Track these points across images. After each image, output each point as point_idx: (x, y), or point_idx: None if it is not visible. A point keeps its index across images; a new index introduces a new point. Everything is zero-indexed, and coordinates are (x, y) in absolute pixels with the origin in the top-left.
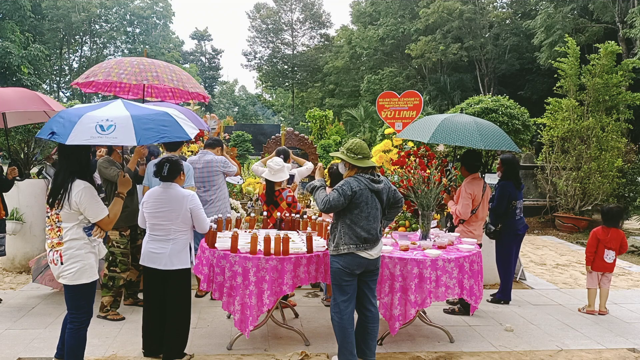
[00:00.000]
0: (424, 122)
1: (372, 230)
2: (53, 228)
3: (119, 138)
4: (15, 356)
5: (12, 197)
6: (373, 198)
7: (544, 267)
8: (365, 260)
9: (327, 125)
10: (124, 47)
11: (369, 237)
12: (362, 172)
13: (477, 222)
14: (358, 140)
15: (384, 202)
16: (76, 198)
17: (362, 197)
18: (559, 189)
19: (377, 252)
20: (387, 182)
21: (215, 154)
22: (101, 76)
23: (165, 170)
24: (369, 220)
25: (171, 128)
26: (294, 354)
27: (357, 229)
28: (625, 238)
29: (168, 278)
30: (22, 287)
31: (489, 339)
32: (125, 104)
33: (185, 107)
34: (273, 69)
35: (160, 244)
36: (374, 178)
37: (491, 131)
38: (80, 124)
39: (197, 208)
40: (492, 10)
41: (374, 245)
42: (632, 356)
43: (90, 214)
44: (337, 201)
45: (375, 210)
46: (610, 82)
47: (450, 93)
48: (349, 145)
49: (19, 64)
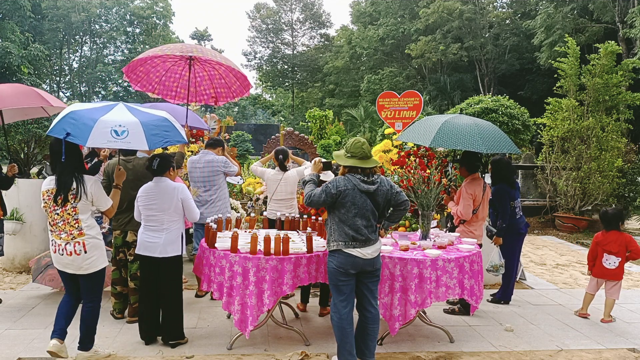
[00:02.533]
0: (424, 124)
1: (359, 229)
2: (68, 222)
3: (133, 143)
4: (15, 356)
5: (12, 197)
6: (363, 198)
7: (544, 267)
8: (359, 259)
9: (327, 125)
10: (124, 47)
11: (357, 236)
12: (354, 172)
13: (477, 222)
14: (356, 139)
15: (379, 203)
16: (91, 190)
17: (349, 197)
18: (559, 189)
19: (372, 252)
20: (387, 183)
21: (216, 154)
22: (150, 53)
23: (155, 164)
24: (356, 219)
25: (172, 133)
26: (294, 354)
27: (344, 227)
28: (634, 242)
29: (162, 265)
30: (22, 287)
31: (489, 339)
32: (127, 107)
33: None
34: (273, 69)
35: (155, 233)
36: (364, 178)
37: (492, 134)
38: (97, 129)
39: (187, 198)
40: (492, 10)
41: (365, 244)
42: (632, 356)
43: (100, 204)
44: (318, 197)
45: (365, 211)
46: (610, 82)
47: (450, 93)
48: (347, 144)
49: (19, 64)
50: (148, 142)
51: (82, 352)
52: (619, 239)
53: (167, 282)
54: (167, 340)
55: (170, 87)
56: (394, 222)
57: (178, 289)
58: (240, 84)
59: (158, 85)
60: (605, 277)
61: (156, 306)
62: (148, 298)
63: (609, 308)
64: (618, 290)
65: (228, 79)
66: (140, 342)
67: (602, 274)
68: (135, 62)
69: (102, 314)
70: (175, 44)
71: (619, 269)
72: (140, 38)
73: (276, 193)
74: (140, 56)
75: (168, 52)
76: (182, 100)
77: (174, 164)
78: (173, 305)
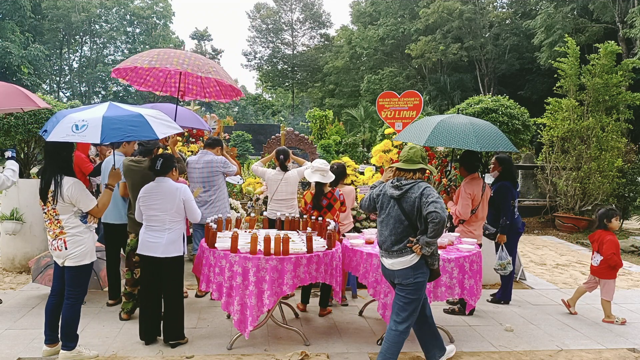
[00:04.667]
0: (421, 124)
1: (382, 236)
2: (52, 221)
3: (87, 136)
4: (15, 356)
5: (12, 197)
6: (391, 204)
7: (544, 267)
8: (384, 268)
9: (327, 125)
10: (124, 47)
11: (381, 242)
12: (401, 175)
13: (476, 222)
14: (410, 145)
15: (406, 211)
16: (68, 192)
17: (380, 202)
18: (559, 189)
19: (392, 263)
20: (418, 190)
21: (215, 154)
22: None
23: (158, 165)
24: (382, 225)
25: (139, 128)
26: (294, 354)
27: (378, 232)
28: (611, 242)
29: (164, 265)
30: (22, 287)
31: (489, 339)
32: (111, 106)
33: (185, 107)
34: (273, 69)
35: (157, 233)
36: (395, 183)
37: (487, 132)
38: (61, 124)
39: (189, 199)
40: (492, 10)
41: (388, 254)
42: (632, 356)
43: (82, 205)
44: (363, 202)
45: (390, 218)
46: (610, 82)
47: (450, 93)
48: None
49: (19, 64)
50: (102, 136)
51: (64, 351)
52: (600, 237)
53: (168, 282)
54: (167, 340)
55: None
56: (431, 238)
57: (179, 289)
58: (231, 90)
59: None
60: (592, 273)
61: (157, 306)
62: (148, 298)
63: (605, 310)
64: (609, 290)
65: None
66: (140, 342)
67: (591, 271)
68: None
69: (103, 314)
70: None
71: (600, 267)
72: (140, 38)
73: (277, 193)
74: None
75: (158, 66)
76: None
77: (177, 165)
78: (174, 305)
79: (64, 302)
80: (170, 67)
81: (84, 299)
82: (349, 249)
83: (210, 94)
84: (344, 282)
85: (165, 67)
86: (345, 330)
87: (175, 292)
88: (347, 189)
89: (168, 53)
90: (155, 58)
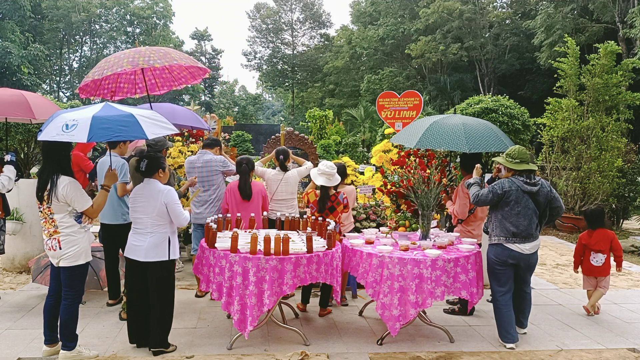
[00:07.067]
0: (415, 126)
1: (520, 226)
2: (47, 220)
3: (76, 136)
4: (15, 356)
5: (12, 197)
6: (525, 198)
7: (544, 267)
8: (517, 253)
9: (327, 125)
10: (124, 48)
11: (517, 231)
12: (518, 174)
13: (476, 222)
14: (518, 147)
15: (540, 203)
16: (62, 192)
17: (512, 197)
18: (559, 189)
19: (531, 247)
20: (547, 187)
21: (214, 153)
22: (97, 75)
23: (142, 166)
24: (519, 217)
25: (129, 128)
26: (294, 354)
27: (506, 223)
28: (617, 239)
29: (147, 270)
30: (22, 287)
31: (489, 339)
32: (105, 106)
33: (185, 107)
34: (273, 69)
35: (140, 236)
36: (527, 180)
37: (479, 133)
38: (53, 123)
39: (172, 202)
40: (492, 10)
41: (525, 240)
42: (632, 356)
43: (76, 205)
44: (485, 197)
45: (527, 210)
46: (610, 82)
47: (450, 93)
48: (509, 151)
49: (19, 64)
50: (90, 135)
51: (64, 351)
52: (605, 237)
53: (152, 288)
54: (150, 347)
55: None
56: (549, 223)
57: (165, 295)
58: (198, 70)
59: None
60: (594, 274)
61: (144, 310)
62: (136, 302)
63: (594, 298)
64: (607, 283)
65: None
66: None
67: (590, 272)
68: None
69: (103, 314)
70: (118, 56)
71: (605, 265)
72: (140, 38)
73: (277, 193)
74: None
75: (119, 70)
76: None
77: (164, 165)
78: (159, 312)
79: (62, 302)
80: (121, 70)
81: (84, 299)
82: (349, 249)
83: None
84: (344, 282)
85: (117, 71)
86: (345, 330)
87: (161, 299)
88: (348, 188)
89: (118, 57)
90: (106, 66)
